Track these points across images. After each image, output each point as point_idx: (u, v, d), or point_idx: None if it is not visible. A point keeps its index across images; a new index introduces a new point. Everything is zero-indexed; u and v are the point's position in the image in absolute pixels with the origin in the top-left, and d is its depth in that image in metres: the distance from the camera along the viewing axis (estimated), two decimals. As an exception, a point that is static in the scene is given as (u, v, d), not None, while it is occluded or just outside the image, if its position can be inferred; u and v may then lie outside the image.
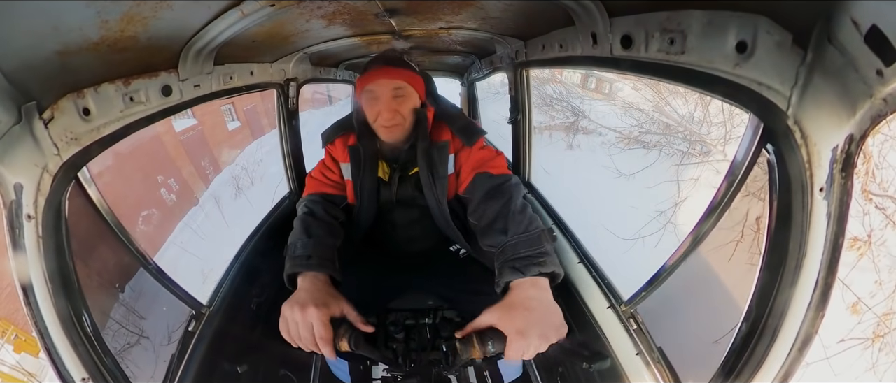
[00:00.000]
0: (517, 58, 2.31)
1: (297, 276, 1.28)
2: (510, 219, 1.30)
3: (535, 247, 1.18)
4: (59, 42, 0.93)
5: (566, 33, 1.56)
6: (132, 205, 10.33)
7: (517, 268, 1.14)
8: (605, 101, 12.18)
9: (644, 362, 1.46)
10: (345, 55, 3.03)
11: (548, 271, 1.12)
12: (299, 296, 1.18)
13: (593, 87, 14.14)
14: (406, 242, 1.85)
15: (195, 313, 1.75)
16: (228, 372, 1.75)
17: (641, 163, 9.15)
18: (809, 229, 0.81)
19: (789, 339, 0.87)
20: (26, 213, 1.00)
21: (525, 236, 1.23)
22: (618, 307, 1.65)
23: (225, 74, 1.70)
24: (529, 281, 1.10)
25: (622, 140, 10.47)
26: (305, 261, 1.31)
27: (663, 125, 9.97)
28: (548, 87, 12.17)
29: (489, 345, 1.00)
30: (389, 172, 1.68)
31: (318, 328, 1.10)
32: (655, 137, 9.92)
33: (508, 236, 1.26)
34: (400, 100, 1.48)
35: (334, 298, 1.20)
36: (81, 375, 1.08)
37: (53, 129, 1.05)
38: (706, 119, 8.99)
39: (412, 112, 1.53)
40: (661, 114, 10.12)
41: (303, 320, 1.11)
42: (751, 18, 0.80)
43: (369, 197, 1.69)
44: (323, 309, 1.12)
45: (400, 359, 1.44)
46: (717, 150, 8.47)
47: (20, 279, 1.01)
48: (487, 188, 1.46)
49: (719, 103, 7.12)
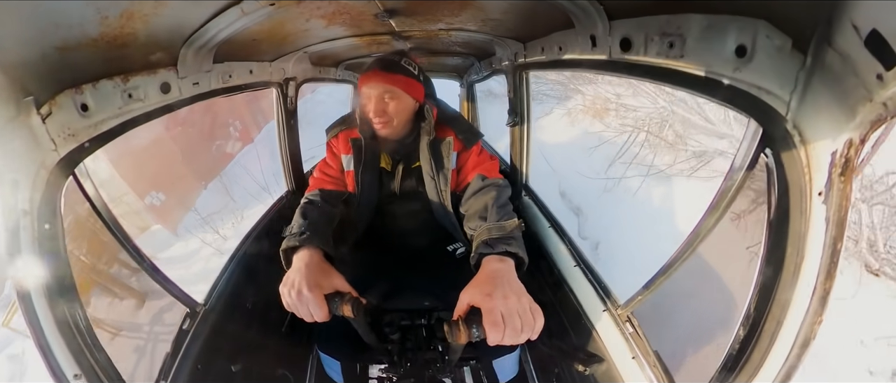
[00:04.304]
0: (516, 60, 2.31)
1: (293, 255, 1.34)
2: (491, 210, 1.48)
3: (506, 232, 1.35)
4: (58, 38, 0.93)
5: (566, 36, 1.56)
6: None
7: (488, 244, 1.29)
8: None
9: (640, 366, 1.46)
10: (344, 55, 3.03)
11: (512, 250, 1.26)
12: (292, 276, 1.24)
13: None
14: (405, 236, 1.95)
15: (190, 311, 1.74)
16: (224, 371, 1.75)
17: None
18: (808, 233, 0.80)
19: (788, 343, 0.87)
20: (22, 209, 1.00)
21: (499, 223, 1.40)
22: (614, 310, 1.65)
23: (224, 72, 1.70)
24: (496, 257, 1.24)
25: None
26: (299, 237, 1.38)
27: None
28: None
29: (473, 329, 1.05)
30: (392, 164, 1.81)
31: (314, 309, 1.18)
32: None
33: (486, 222, 1.43)
34: (390, 103, 1.61)
35: (327, 275, 1.26)
36: (74, 372, 1.07)
37: (51, 125, 1.04)
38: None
39: (404, 111, 1.64)
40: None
41: (299, 302, 1.18)
42: (750, 22, 0.80)
43: (370, 186, 1.80)
44: (316, 291, 1.19)
45: (395, 359, 1.44)
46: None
47: (15, 275, 1.01)
48: (480, 186, 1.65)
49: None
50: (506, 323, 1.03)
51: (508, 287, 1.11)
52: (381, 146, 1.77)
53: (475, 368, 1.71)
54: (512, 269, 1.23)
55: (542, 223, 2.42)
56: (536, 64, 2.08)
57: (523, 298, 1.08)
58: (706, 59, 0.92)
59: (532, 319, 1.06)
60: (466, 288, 1.15)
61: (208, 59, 1.50)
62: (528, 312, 1.06)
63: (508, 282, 1.14)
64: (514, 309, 1.04)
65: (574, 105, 10.18)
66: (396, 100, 1.61)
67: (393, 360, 1.45)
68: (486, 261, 1.24)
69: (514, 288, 1.11)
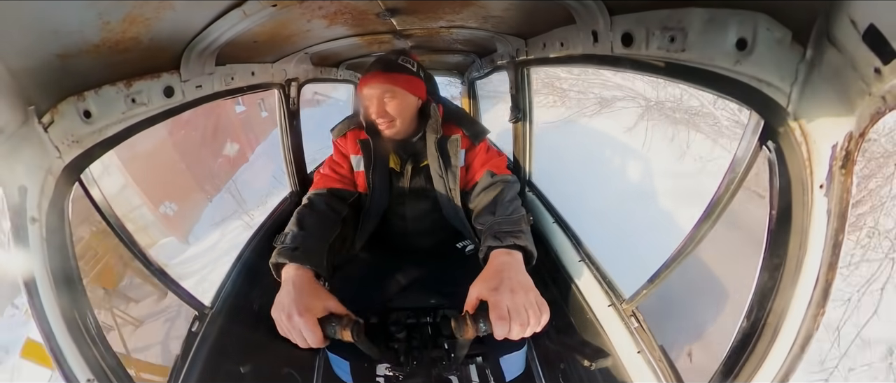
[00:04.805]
0: (518, 56, 2.31)
1: (282, 268, 1.30)
2: (499, 205, 1.52)
3: (514, 226, 1.38)
4: (59, 45, 0.94)
5: (567, 31, 1.56)
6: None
7: (497, 237, 1.31)
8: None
9: (646, 360, 1.46)
10: (346, 55, 3.03)
11: (521, 243, 1.28)
12: (282, 300, 1.19)
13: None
14: (415, 235, 1.94)
15: (198, 314, 1.75)
16: (232, 372, 1.76)
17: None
18: (810, 226, 0.81)
19: (790, 337, 0.87)
20: (31, 216, 1.01)
21: (507, 217, 1.44)
22: (619, 305, 1.65)
23: (226, 75, 1.70)
24: (504, 250, 1.26)
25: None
26: (290, 253, 1.33)
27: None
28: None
29: (481, 324, 1.06)
30: (400, 163, 1.79)
31: (308, 335, 1.13)
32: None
33: (495, 217, 1.46)
34: (391, 103, 1.59)
35: (318, 298, 1.20)
36: (87, 376, 1.08)
37: (54, 132, 1.05)
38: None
39: (407, 110, 1.63)
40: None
41: (292, 327, 1.15)
42: (751, 16, 0.80)
43: (381, 187, 1.80)
44: (307, 316, 1.14)
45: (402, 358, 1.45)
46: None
47: (25, 281, 1.02)
48: (489, 183, 1.66)
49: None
50: (512, 317, 1.04)
51: (515, 281, 1.12)
52: (388, 146, 1.76)
53: (481, 366, 1.72)
54: (520, 262, 1.23)
55: (547, 218, 2.42)
56: (538, 60, 2.08)
57: (530, 293, 1.10)
58: (707, 53, 0.92)
59: (538, 313, 1.07)
60: (475, 281, 1.17)
61: (211, 62, 1.51)
62: (534, 306, 1.07)
63: (515, 275, 1.15)
64: (520, 304, 1.05)
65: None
66: (397, 100, 1.59)
67: (399, 359, 1.46)
68: (494, 255, 1.26)
69: (521, 282, 1.12)
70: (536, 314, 1.06)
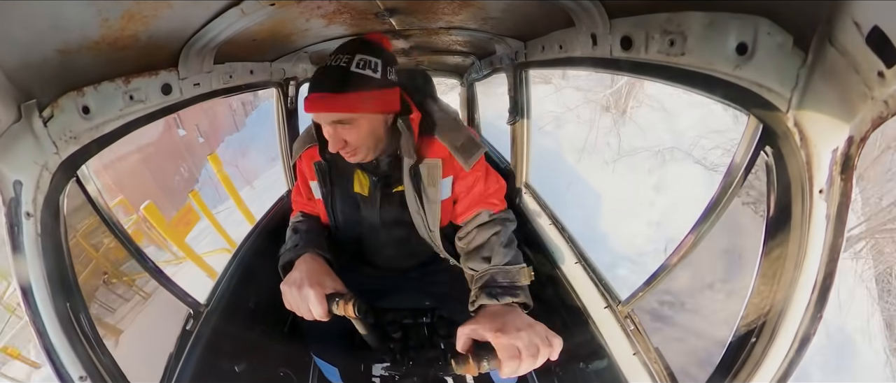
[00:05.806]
0: (517, 58, 2.31)
1: (292, 265, 1.30)
2: (495, 251, 1.36)
3: (512, 279, 1.26)
4: (59, 40, 0.93)
5: (566, 34, 1.56)
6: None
7: (492, 294, 1.20)
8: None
9: (641, 362, 1.46)
10: (344, 54, 3.02)
11: (519, 301, 1.19)
12: (295, 276, 1.21)
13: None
14: (394, 260, 1.72)
15: (193, 312, 1.74)
16: (227, 371, 1.75)
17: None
18: (809, 231, 0.81)
19: (787, 340, 0.87)
20: (25, 211, 1.00)
21: (505, 269, 1.29)
22: (615, 307, 1.65)
23: (225, 73, 1.70)
24: (500, 306, 1.17)
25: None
26: (295, 250, 1.34)
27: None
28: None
29: (484, 362, 1.01)
30: (369, 187, 1.50)
31: (314, 307, 1.14)
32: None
33: (490, 265, 1.32)
34: (346, 129, 1.26)
35: (330, 277, 1.24)
36: (79, 374, 1.08)
37: (52, 128, 1.05)
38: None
39: (369, 135, 1.30)
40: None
41: (300, 298, 1.16)
42: (751, 20, 0.80)
43: (346, 217, 1.55)
44: (317, 288, 1.16)
45: (397, 358, 1.45)
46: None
47: (19, 277, 1.01)
48: (484, 221, 1.47)
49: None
50: (523, 355, 0.98)
51: (519, 321, 1.06)
52: (352, 166, 1.47)
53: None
54: (517, 309, 1.16)
55: (543, 220, 2.42)
56: (537, 62, 2.08)
57: (537, 326, 1.04)
58: (707, 57, 0.92)
59: (549, 344, 1.01)
60: (467, 324, 1.08)
61: (209, 60, 1.50)
62: (544, 339, 1.01)
63: (517, 316, 1.09)
64: (530, 341, 1.00)
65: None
66: (352, 127, 1.25)
67: (395, 359, 1.45)
68: (488, 308, 1.18)
69: (525, 321, 1.06)
70: (548, 345, 1.01)
